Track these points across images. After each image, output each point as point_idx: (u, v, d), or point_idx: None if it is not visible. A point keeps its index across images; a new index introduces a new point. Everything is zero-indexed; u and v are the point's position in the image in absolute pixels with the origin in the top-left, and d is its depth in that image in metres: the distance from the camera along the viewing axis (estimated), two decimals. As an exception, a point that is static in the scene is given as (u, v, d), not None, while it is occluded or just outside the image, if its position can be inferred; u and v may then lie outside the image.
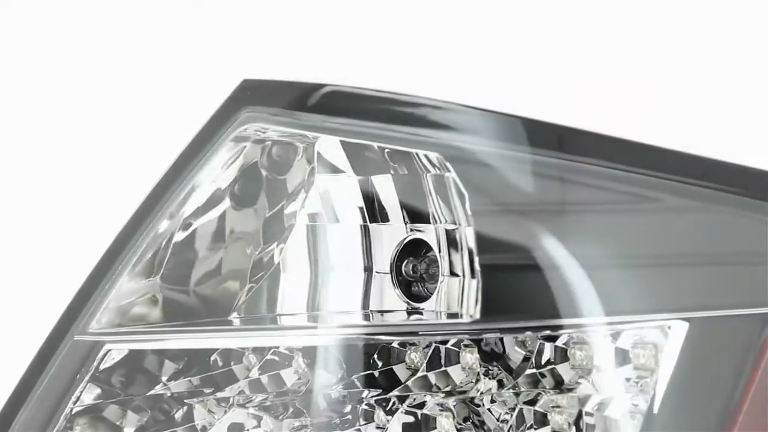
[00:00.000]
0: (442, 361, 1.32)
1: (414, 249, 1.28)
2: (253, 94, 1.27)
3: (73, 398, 1.28)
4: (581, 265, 1.16)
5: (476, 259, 1.18)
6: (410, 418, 1.31)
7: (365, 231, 1.27)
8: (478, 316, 1.19)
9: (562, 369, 1.25)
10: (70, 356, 1.27)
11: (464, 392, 1.31)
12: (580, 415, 1.24)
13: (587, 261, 1.16)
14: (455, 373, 1.31)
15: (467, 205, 1.19)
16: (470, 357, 1.29)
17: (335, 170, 1.27)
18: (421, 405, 1.31)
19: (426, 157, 1.23)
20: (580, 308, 1.16)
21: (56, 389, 1.27)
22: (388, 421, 1.31)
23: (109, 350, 1.28)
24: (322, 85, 1.24)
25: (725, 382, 1.11)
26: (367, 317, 1.26)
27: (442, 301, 1.24)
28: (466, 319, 1.20)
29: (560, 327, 1.18)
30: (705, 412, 1.12)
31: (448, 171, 1.21)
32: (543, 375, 1.26)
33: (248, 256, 1.30)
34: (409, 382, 1.33)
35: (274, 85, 1.27)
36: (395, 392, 1.32)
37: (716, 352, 1.12)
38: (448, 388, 1.31)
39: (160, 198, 1.28)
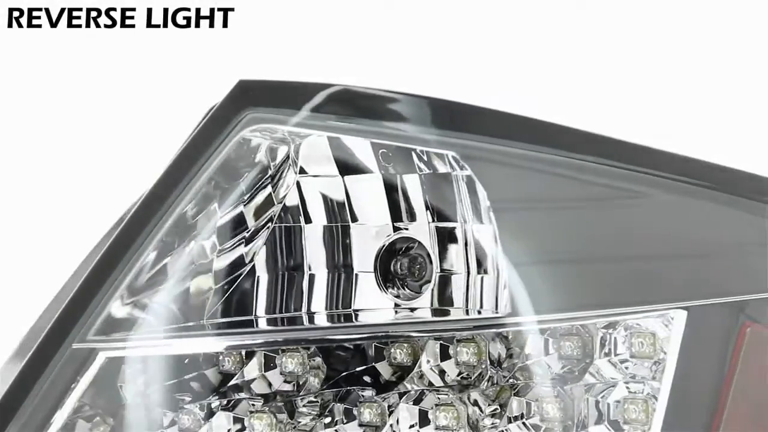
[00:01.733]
0: (438, 358, 1.33)
1: (391, 247, 1.27)
2: (258, 95, 1.24)
3: (70, 407, 1.25)
4: (592, 259, 1.23)
5: (501, 256, 1.22)
6: (407, 414, 1.31)
7: (347, 230, 1.25)
8: (509, 310, 1.22)
9: (550, 360, 1.30)
10: (68, 364, 1.23)
11: (464, 387, 1.32)
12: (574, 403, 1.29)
13: (596, 256, 1.23)
14: (450, 368, 1.33)
15: (486, 202, 1.22)
16: (466, 352, 1.31)
17: (320, 170, 1.25)
18: (418, 401, 1.32)
19: (421, 155, 1.24)
20: (591, 300, 1.22)
21: (52, 397, 1.24)
22: (385, 416, 1.32)
23: (108, 358, 1.26)
24: (331, 85, 1.23)
25: (716, 362, 1.22)
26: (353, 317, 1.25)
27: (437, 298, 1.25)
28: (500, 313, 1.23)
29: (577, 318, 1.24)
30: (702, 391, 1.23)
31: (459, 169, 1.23)
32: (533, 366, 1.30)
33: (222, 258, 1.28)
34: (405, 379, 1.34)
35: (281, 85, 1.25)
36: (398, 388, 1.33)
37: (709, 337, 1.24)
38: (442, 384, 1.33)
39: (162, 204, 1.25)
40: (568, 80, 1.26)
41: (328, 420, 1.33)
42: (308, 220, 1.24)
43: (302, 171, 1.23)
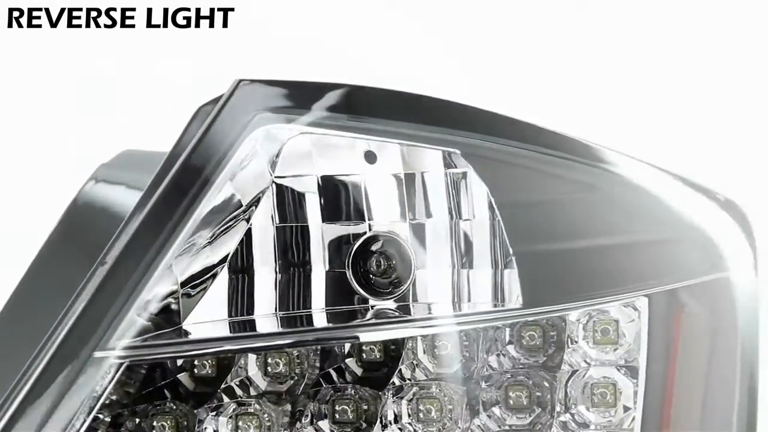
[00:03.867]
0: (420, 352, 1.34)
1: (368, 246, 1.26)
2: (266, 95, 1.23)
3: (88, 416, 1.24)
4: (563, 252, 1.26)
5: (509, 250, 1.24)
6: (388, 408, 1.32)
7: (323, 230, 1.25)
8: (521, 302, 1.24)
9: (512, 350, 1.31)
10: (88, 372, 1.20)
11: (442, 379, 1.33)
12: (544, 391, 1.31)
13: (566, 248, 1.25)
14: (428, 362, 1.35)
15: (488, 199, 1.24)
16: (448, 346, 1.33)
17: (296, 170, 1.25)
18: (399, 394, 1.32)
19: (412, 153, 1.24)
20: (565, 292, 1.26)
21: (72, 408, 1.23)
22: (359, 412, 1.32)
23: (129, 365, 1.22)
24: (342, 85, 1.23)
25: (666, 347, 1.29)
26: (352, 315, 1.26)
27: (417, 295, 1.25)
28: (515, 305, 1.25)
29: (556, 311, 1.27)
30: (659, 375, 1.29)
31: (453, 167, 1.24)
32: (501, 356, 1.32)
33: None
34: (379, 375, 1.35)
35: (290, 85, 1.23)
36: (390, 384, 1.34)
37: (661, 322, 1.29)
38: (424, 378, 1.34)
39: (175, 209, 1.23)
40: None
41: (305, 420, 1.34)
42: (282, 221, 1.24)
43: (278, 172, 1.23)
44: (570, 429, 1.30)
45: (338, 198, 1.25)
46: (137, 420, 1.31)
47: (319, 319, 1.25)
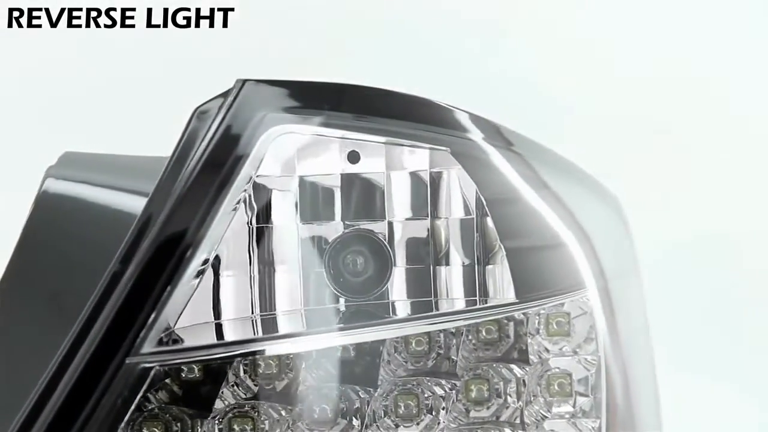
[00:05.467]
0: (392, 351, 1.35)
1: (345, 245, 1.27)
2: (274, 95, 1.23)
3: (122, 424, 1.21)
4: (535, 247, 1.28)
5: (500, 246, 1.25)
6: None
7: (300, 229, 1.25)
8: (514, 297, 1.26)
9: (469, 344, 1.33)
10: (122, 380, 1.20)
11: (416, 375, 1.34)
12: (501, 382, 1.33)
13: (537, 243, 1.28)
14: (406, 358, 1.35)
15: (481, 197, 1.25)
16: (419, 342, 1.33)
17: (279, 170, 1.24)
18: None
19: (400, 152, 1.25)
20: (532, 289, 1.27)
21: (105, 417, 1.22)
22: (336, 410, 1.32)
23: (161, 372, 1.22)
24: (350, 85, 1.23)
25: (613, 334, 1.32)
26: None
27: (404, 291, 1.25)
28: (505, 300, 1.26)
29: (532, 306, 1.29)
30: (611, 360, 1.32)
31: (440, 166, 1.25)
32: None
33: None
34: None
35: (297, 85, 1.24)
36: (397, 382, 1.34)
37: (607, 313, 1.32)
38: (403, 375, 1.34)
39: (197, 211, 1.23)
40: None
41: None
42: (260, 221, 1.24)
43: (260, 172, 1.22)
44: (532, 418, 1.31)
45: (317, 198, 1.25)
46: (124, 427, 1.30)
47: (299, 321, 1.26)
